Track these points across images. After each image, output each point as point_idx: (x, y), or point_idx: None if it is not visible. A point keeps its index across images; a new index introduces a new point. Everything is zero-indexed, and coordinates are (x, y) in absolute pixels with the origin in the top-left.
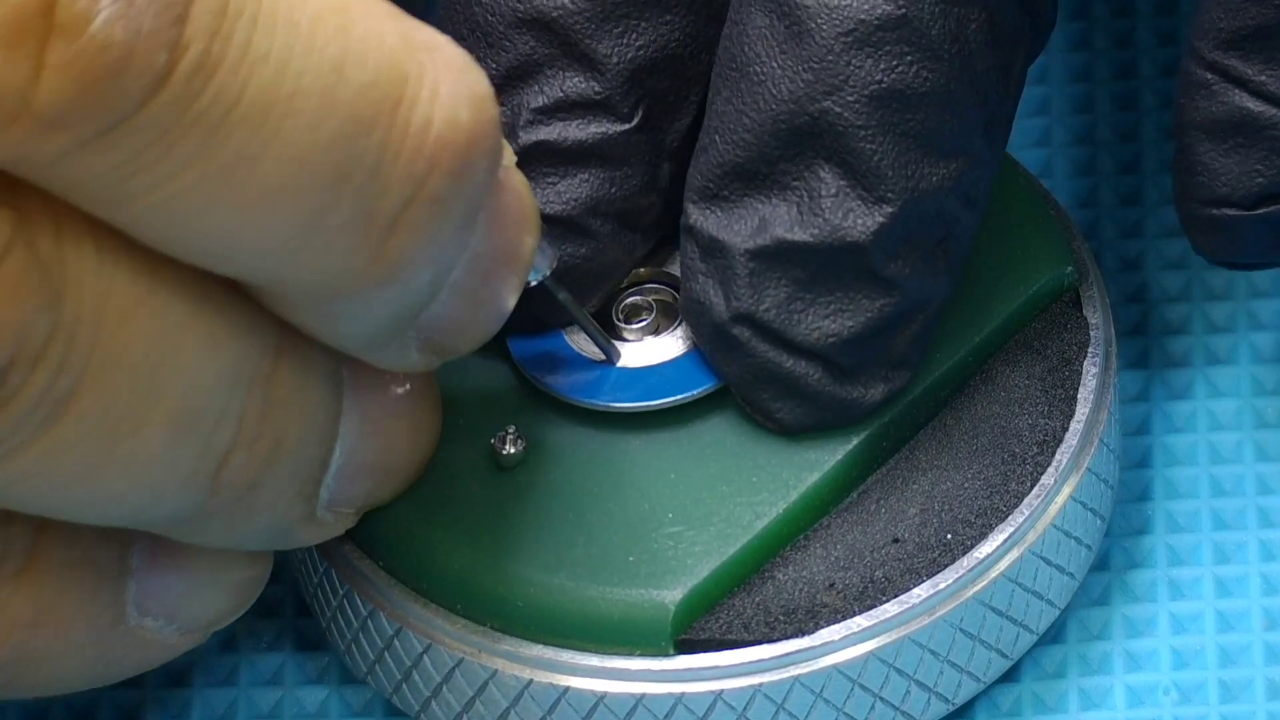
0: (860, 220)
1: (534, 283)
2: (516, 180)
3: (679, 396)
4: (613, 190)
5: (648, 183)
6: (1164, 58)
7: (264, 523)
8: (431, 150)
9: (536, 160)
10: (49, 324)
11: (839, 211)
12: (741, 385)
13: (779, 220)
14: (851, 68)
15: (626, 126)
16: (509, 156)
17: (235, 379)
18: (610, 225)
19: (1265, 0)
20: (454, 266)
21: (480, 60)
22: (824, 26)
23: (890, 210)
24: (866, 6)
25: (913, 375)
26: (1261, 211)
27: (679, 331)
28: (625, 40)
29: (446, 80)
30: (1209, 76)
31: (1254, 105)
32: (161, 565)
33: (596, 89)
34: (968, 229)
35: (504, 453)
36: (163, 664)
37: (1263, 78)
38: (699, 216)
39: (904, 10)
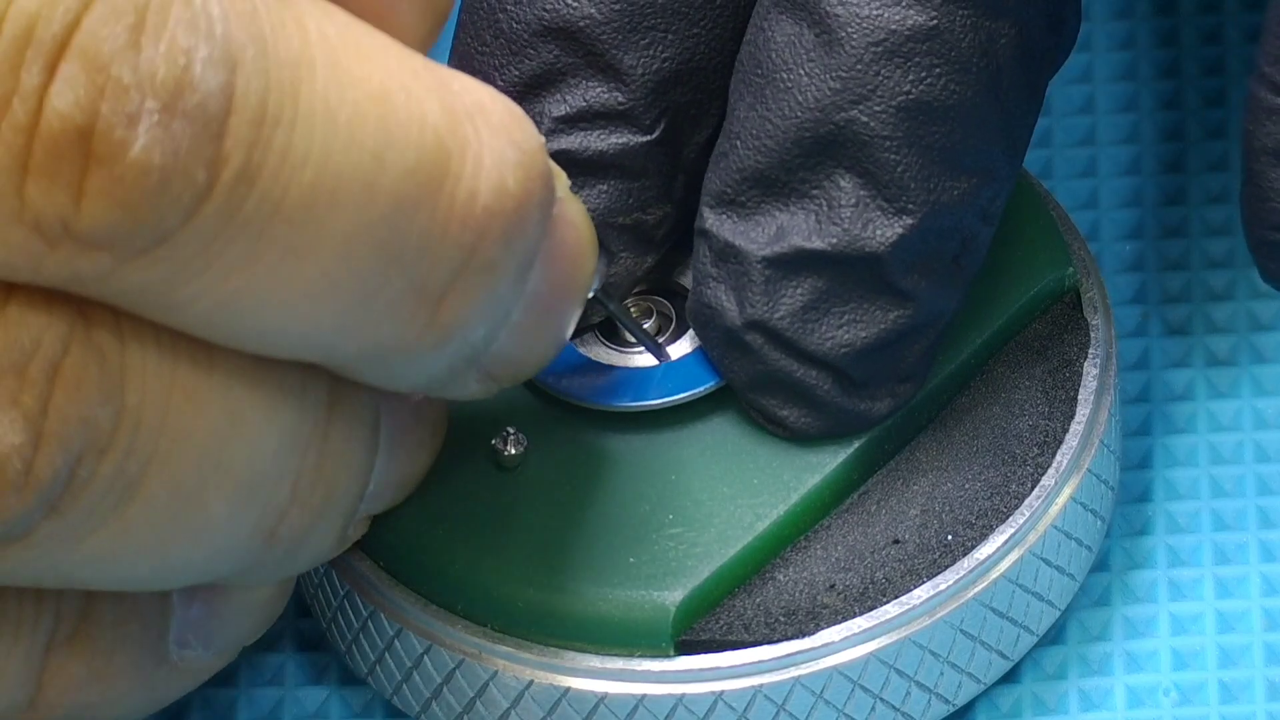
0: (880, 231)
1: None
2: (573, 212)
3: (680, 395)
4: (629, 202)
5: (663, 195)
6: (1164, 59)
7: (307, 560)
8: (479, 222)
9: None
10: (113, 414)
11: (859, 221)
12: (749, 390)
13: (797, 228)
14: (880, 78)
15: (648, 138)
16: (563, 185)
17: (294, 441)
18: (625, 237)
19: None
20: (511, 313)
21: (503, 67)
22: (854, 36)
23: (910, 222)
24: (898, 17)
25: (918, 389)
26: None
27: (678, 333)
28: (651, 52)
29: (492, 147)
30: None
31: None
32: (199, 599)
33: (620, 100)
34: (982, 245)
35: (504, 453)
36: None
37: None
38: (715, 221)
39: (936, 22)
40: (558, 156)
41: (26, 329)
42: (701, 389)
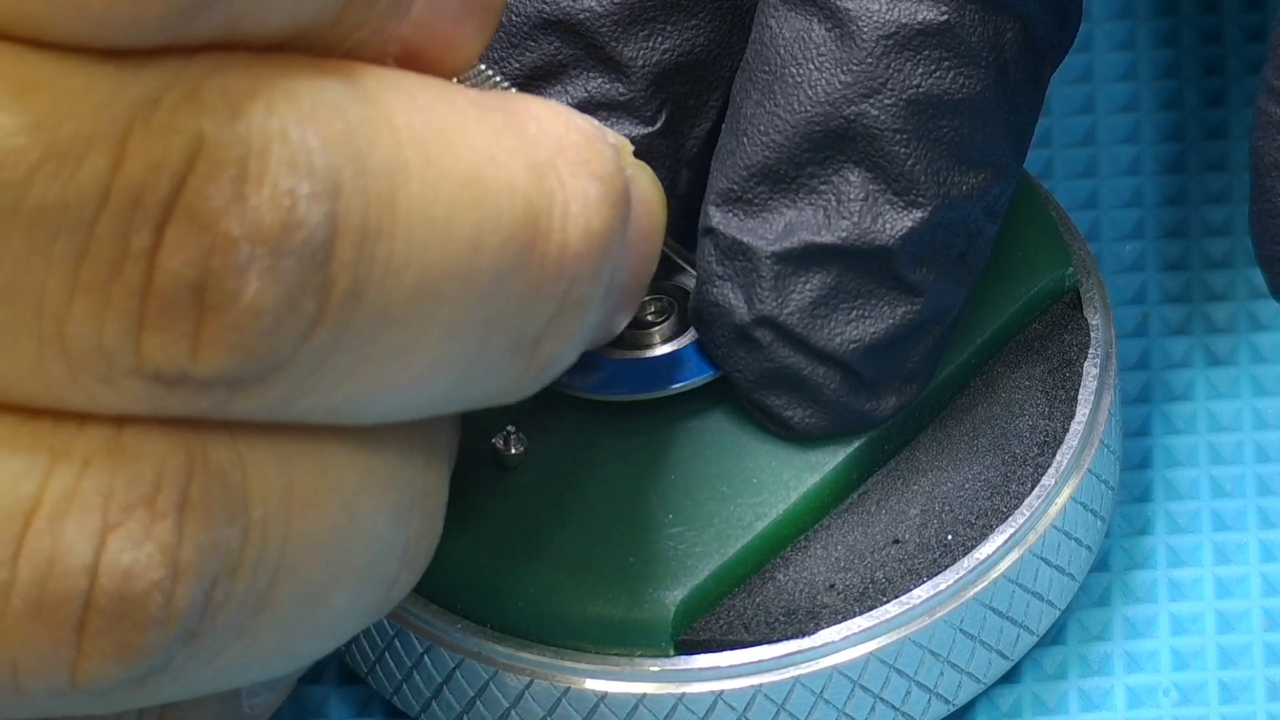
0: (889, 224)
1: None
2: (644, 187)
3: (682, 384)
4: None
5: (666, 188)
6: (1164, 59)
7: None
8: (571, 269)
9: None
10: (240, 532)
11: (868, 215)
12: (754, 388)
13: (806, 224)
14: (891, 71)
15: (650, 130)
16: (629, 157)
17: (401, 514)
18: None
19: None
20: (599, 315)
21: (503, 60)
22: (865, 29)
23: (920, 215)
24: (909, 11)
25: (923, 389)
26: None
27: (676, 326)
28: (650, 44)
29: (576, 191)
30: None
31: None
32: None
33: (621, 91)
34: (988, 242)
35: (505, 453)
36: None
37: None
38: (721, 219)
39: (946, 16)
40: None
41: (148, 461)
42: (704, 377)
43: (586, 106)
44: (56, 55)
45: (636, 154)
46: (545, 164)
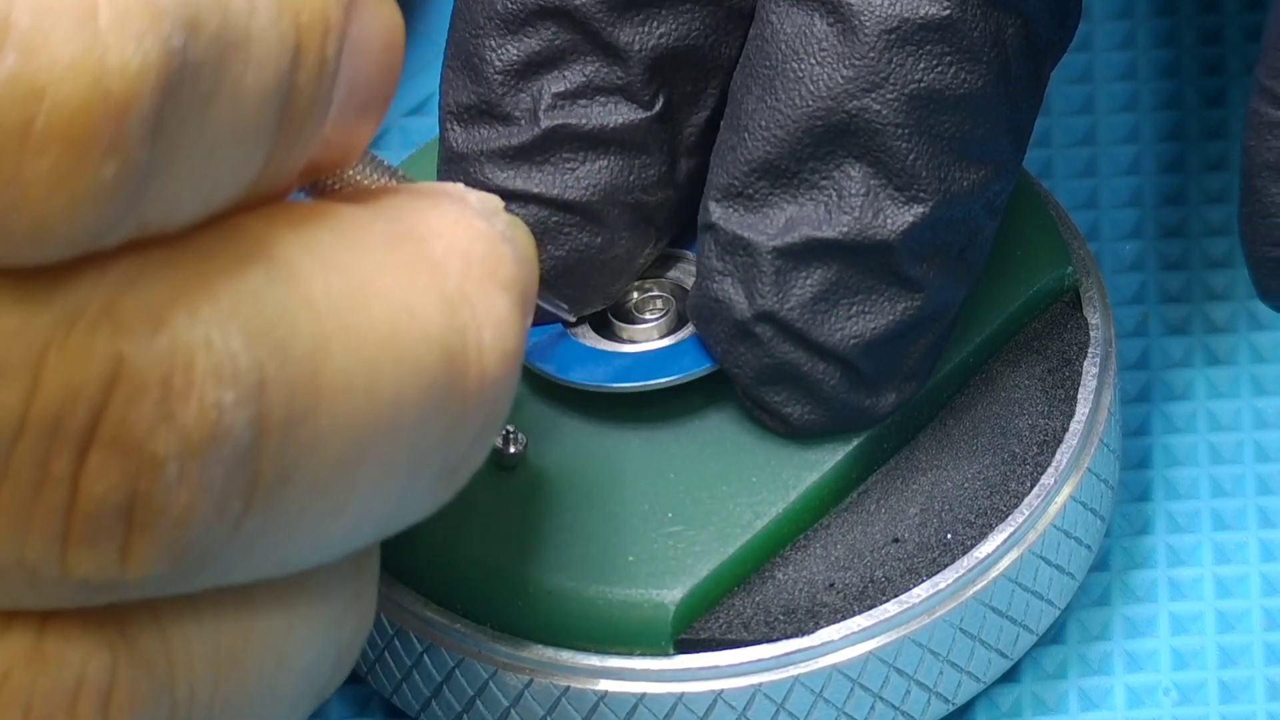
0: (891, 219)
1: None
2: (519, 236)
3: (681, 375)
4: (630, 179)
5: (665, 176)
6: (1163, 59)
7: None
8: (492, 394)
9: (557, 145)
10: (167, 713)
11: (870, 210)
12: (754, 384)
13: (807, 219)
14: (893, 66)
15: (648, 114)
16: (499, 209)
17: (333, 631)
18: (626, 217)
19: None
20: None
21: (500, 48)
22: (868, 24)
23: (921, 210)
24: (912, 6)
25: (921, 386)
26: None
27: (674, 322)
28: (646, 29)
29: (488, 315)
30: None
31: None
32: None
33: (619, 75)
34: (988, 239)
35: (504, 452)
36: None
37: None
38: (721, 214)
39: (949, 12)
40: (560, 131)
41: (68, 666)
42: (704, 368)
43: (585, 91)
44: None
45: (636, 138)
46: (455, 293)
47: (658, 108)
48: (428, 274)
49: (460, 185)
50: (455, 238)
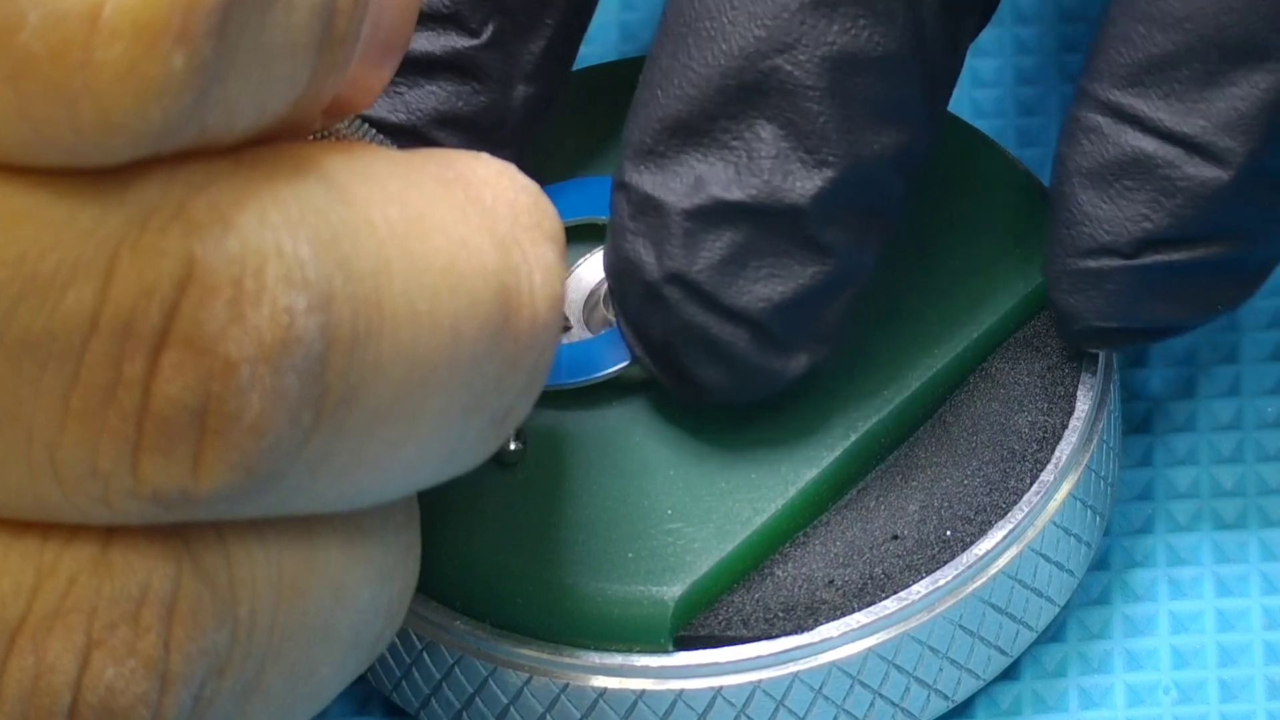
0: (800, 182)
1: None
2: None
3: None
4: (459, 104)
5: (498, 101)
6: None
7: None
8: (542, 338)
9: None
10: (229, 634)
11: (779, 173)
12: (664, 349)
13: (716, 179)
14: (806, 27)
15: (475, 42)
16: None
17: (384, 580)
18: (455, 139)
19: (1176, 25)
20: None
21: None
22: None
23: (831, 174)
24: None
25: (831, 349)
26: (1143, 261)
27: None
28: None
29: (538, 260)
30: (1100, 120)
31: (1146, 144)
32: None
33: (446, 2)
34: (901, 203)
35: (504, 450)
36: None
37: (1160, 114)
38: (634, 174)
39: None
40: None
41: (134, 575)
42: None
43: None
44: (39, 182)
45: (463, 63)
46: (508, 236)
47: (486, 35)
48: (479, 216)
49: (483, 152)
50: (501, 187)
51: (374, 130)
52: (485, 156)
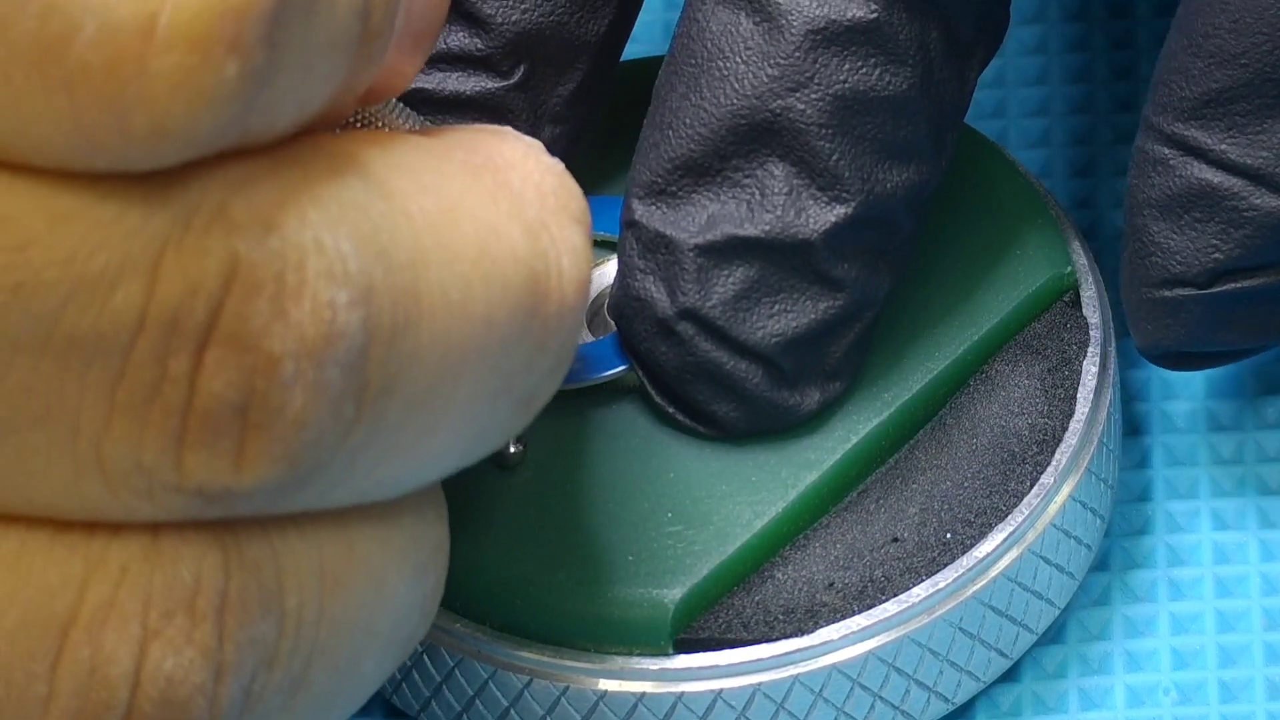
0: (812, 218)
1: None
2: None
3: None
4: None
5: None
6: None
7: None
8: (569, 321)
9: (414, 108)
10: (276, 624)
11: (791, 209)
12: (676, 384)
13: (729, 217)
14: (818, 66)
15: (506, 83)
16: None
17: (419, 574)
18: None
19: (1231, 61)
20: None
21: None
22: (794, 24)
23: (844, 210)
24: (839, 8)
25: (845, 387)
26: (1216, 290)
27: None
28: (509, 3)
29: (565, 244)
30: (1166, 152)
31: (1212, 176)
32: None
33: (479, 46)
34: (911, 238)
35: (505, 452)
36: None
37: (1223, 146)
38: (644, 212)
39: (875, 15)
40: (415, 95)
41: (185, 564)
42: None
43: (444, 57)
44: (86, 184)
45: (492, 103)
46: (536, 222)
47: (516, 77)
48: (508, 201)
49: (509, 128)
50: (528, 170)
51: (409, 110)
52: (510, 134)
